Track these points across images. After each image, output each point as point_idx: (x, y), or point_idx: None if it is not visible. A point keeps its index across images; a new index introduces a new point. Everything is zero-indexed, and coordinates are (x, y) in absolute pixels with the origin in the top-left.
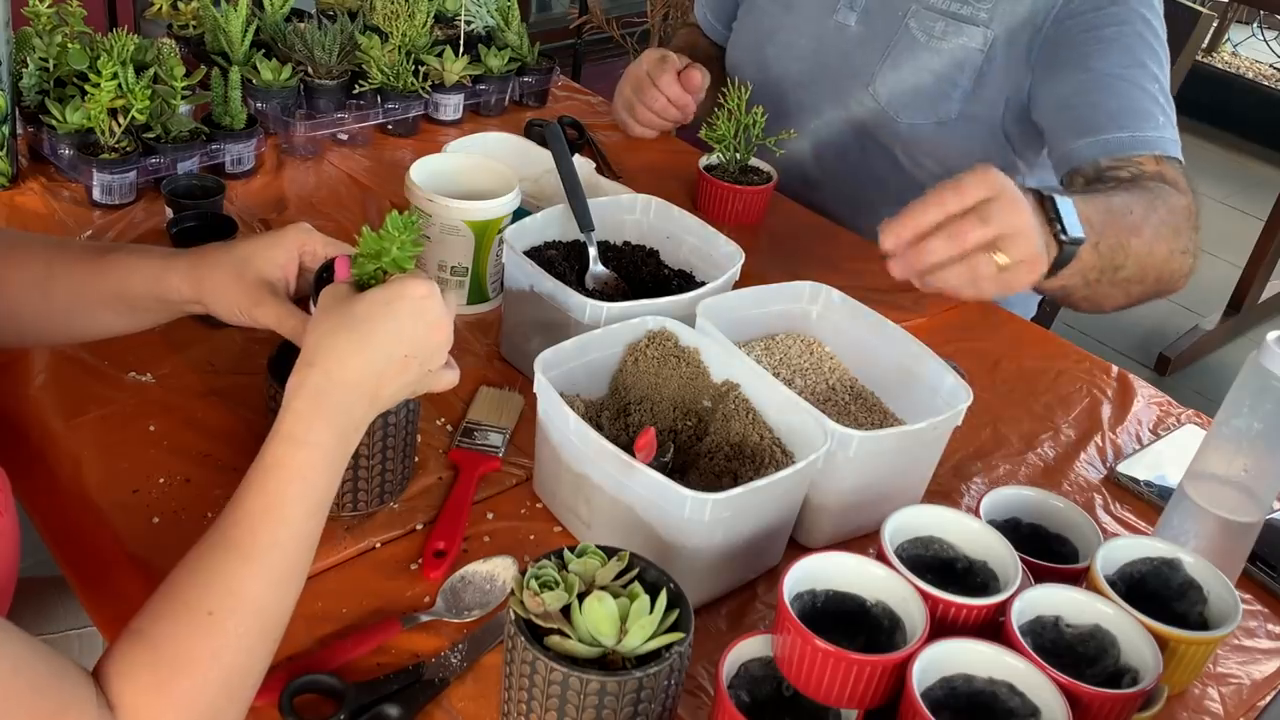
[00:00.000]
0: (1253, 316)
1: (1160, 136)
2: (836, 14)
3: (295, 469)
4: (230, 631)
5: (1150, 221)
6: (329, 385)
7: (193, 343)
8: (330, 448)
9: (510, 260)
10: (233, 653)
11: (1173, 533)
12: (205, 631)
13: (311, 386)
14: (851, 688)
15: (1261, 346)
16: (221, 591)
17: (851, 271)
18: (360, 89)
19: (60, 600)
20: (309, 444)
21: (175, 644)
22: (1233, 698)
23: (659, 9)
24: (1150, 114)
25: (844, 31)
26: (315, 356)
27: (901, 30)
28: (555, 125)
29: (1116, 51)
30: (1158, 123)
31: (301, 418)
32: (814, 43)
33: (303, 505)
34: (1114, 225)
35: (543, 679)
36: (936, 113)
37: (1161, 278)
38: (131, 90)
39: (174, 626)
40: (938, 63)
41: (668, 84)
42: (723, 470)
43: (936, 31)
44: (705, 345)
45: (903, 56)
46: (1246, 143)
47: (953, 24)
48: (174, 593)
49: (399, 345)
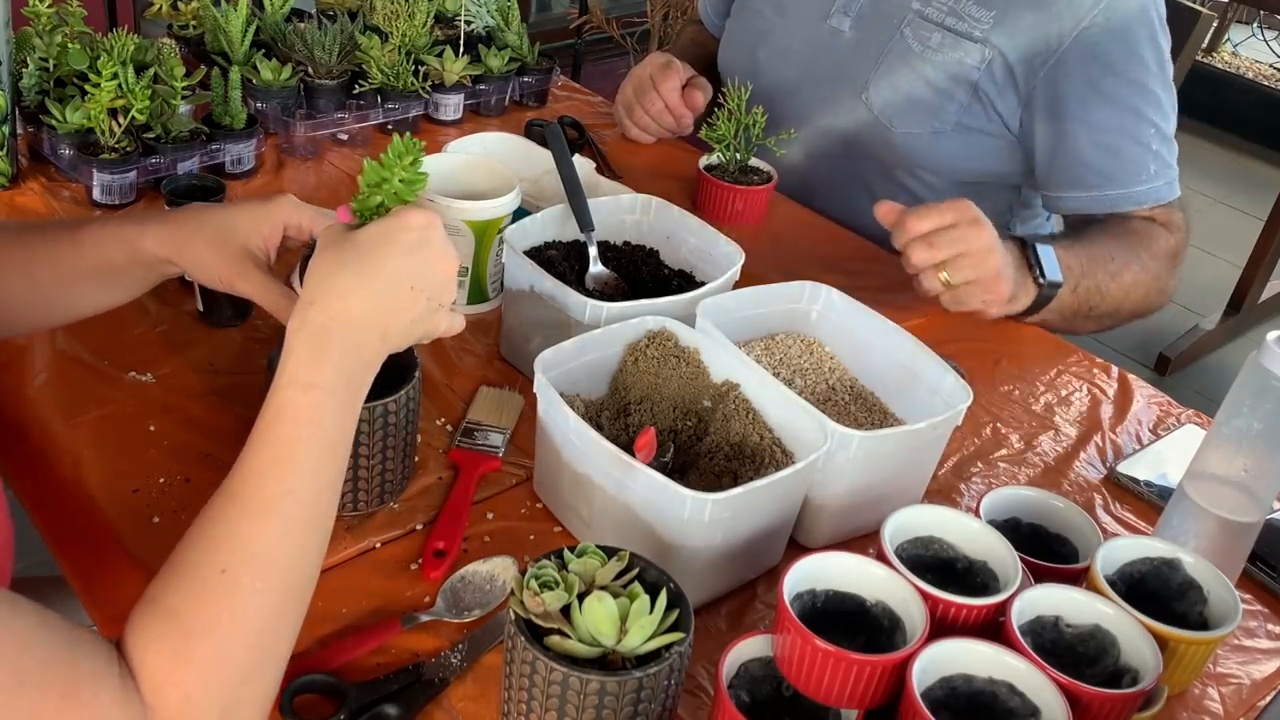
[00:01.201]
0: (1253, 316)
1: (1149, 189)
2: (830, 19)
3: (303, 413)
4: (247, 589)
5: (1130, 269)
6: (331, 324)
7: (193, 343)
8: (339, 388)
9: (510, 260)
10: (254, 611)
11: (1173, 533)
12: (221, 591)
13: (313, 326)
14: (851, 688)
15: (1261, 346)
16: (233, 548)
17: (851, 271)
18: (360, 89)
19: (60, 600)
20: (316, 386)
21: (191, 607)
22: (1233, 698)
23: (659, 9)
24: (1142, 167)
25: (838, 37)
26: (315, 295)
27: (896, 38)
28: (555, 125)
29: (1114, 105)
30: (1148, 172)
31: (304, 360)
32: (807, 48)
33: (315, 449)
34: (1094, 272)
35: (543, 679)
36: (932, 123)
37: (1137, 312)
38: (131, 90)
39: (189, 589)
40: (933, 74)
41: (669, 91)
42: (723, 470)
43: (933, 43)
44: (705, 345)
45: (897, 65)
46: (1246, 143)
47: (949, 37)
48: (186, 555)
49: (403, 277)
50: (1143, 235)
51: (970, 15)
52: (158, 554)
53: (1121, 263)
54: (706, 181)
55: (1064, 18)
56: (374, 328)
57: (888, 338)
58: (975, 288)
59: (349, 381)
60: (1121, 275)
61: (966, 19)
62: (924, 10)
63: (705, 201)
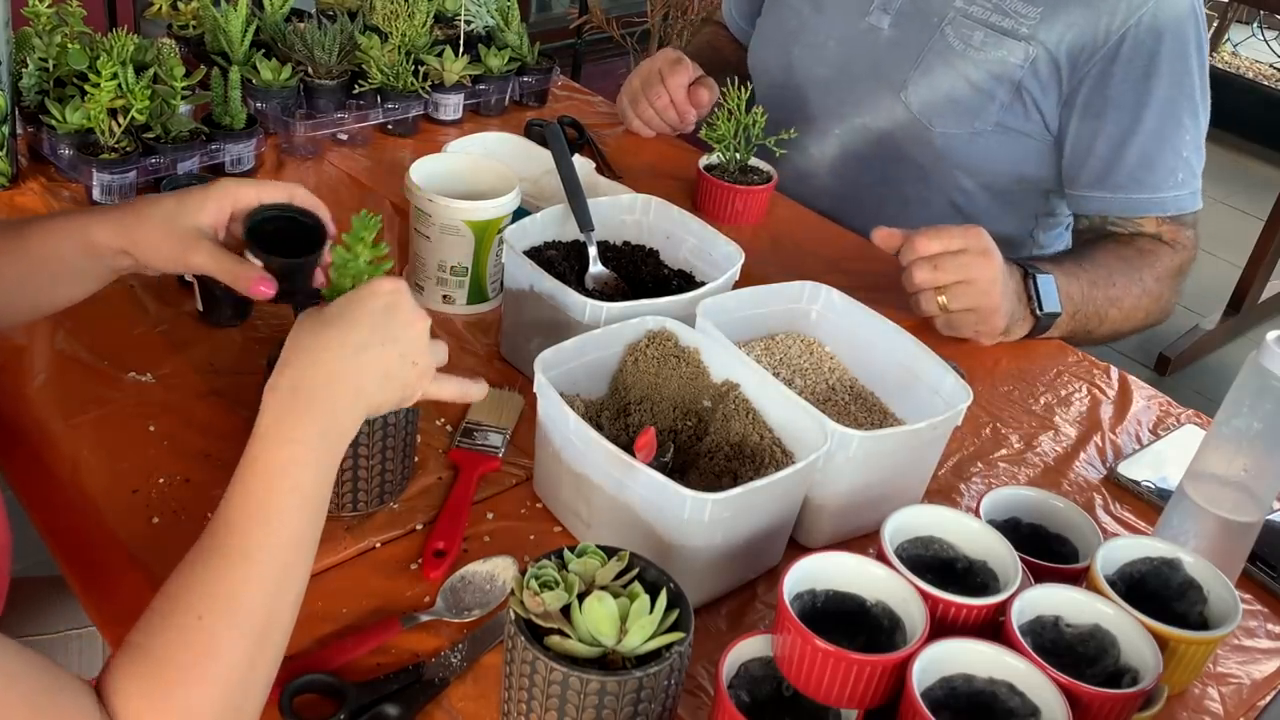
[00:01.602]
0: (1253, 316)
1: (1174, 196)
2: (869, 16)
3: (275, 467)
4: (224, 637)
5: (1131, 293)
6: (302, 382)
7: (193, 343)
8: (313, 444)
9: (510, 260)
10: (229, 659)
11: (1173, 533)
12: (198, 638)
13: (284, 387)
14: (851, 688)
15: (1261, 346)
16: (212, 596)
17: (851, 271)
18: (360, 89)
19: (59, 600)
20: (289, 441)
21: (170, 653)
22: (1233, 698)
23: (659, 9)
24: (1171, 173)
25: (876, 35)
26: (289, 358)
27: (937, 37)
28: (555, 125)
29: (1157, 107)
30: (1176, 180)
31: (277, 417)
32: (844, 45)
33: (290, 503)
34: (1094, 298)
35: (543, 679)
36: (972, 123)
37: (1137, 330)
38: (131, 90)
39: (167, 635)
40: (975, 73)
41: (675, 86)
42: (723, 470)
43: (975, 42)
44: (705, 345)
45: (936, 64)
46: (1246, 143)
47: (992, 35)
48: (166, 601)
49: (372, 337)
50: (1148, 255)
51: (1016, 12)
52: (158, 554)
53: (1122, 288)
54: (706, 181)
55: (1115, 13)
56: (346, 387)
57: (888, 338)
58: (971, 316)
59: (323, 436)
60: (1122, 301)
61: (1012, 16)
62: (967, 9)
63: (705, 201)
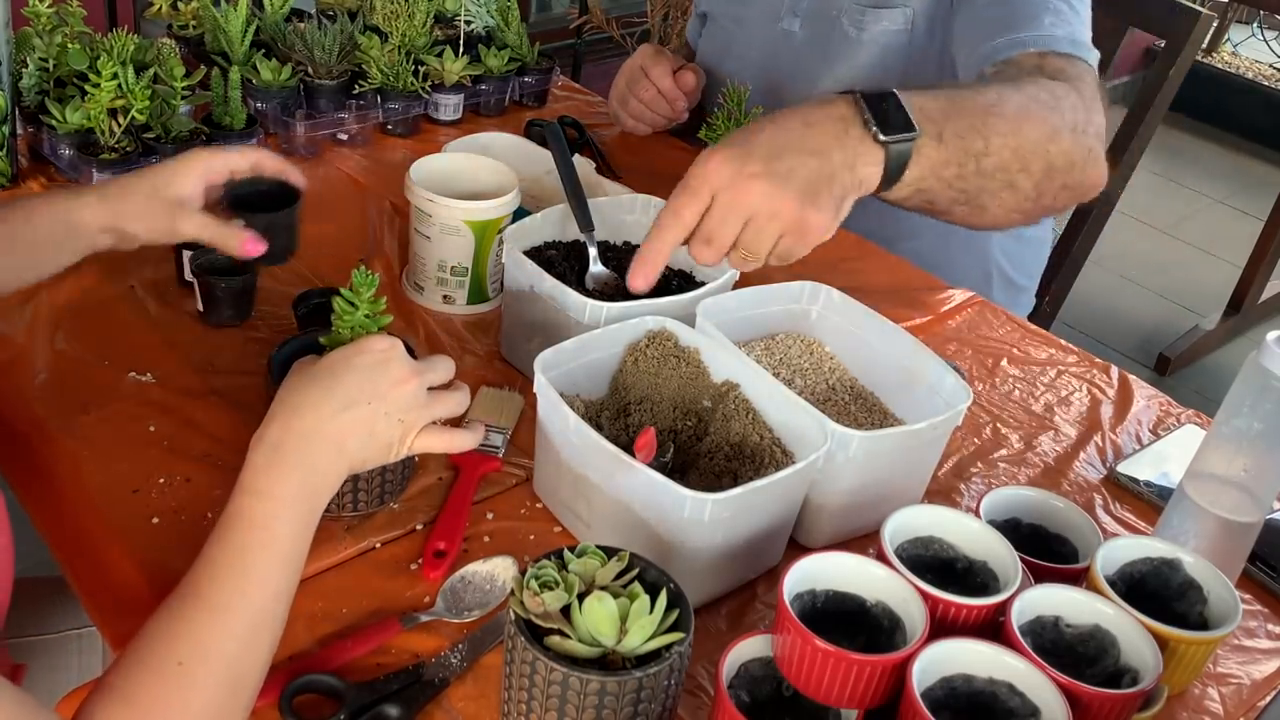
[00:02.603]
0: (1253, 316)
1: (1044, 35)
2: (782, 21)
3: (255, 520)
4: (200, 682)
5: (1013, 100)
6: (286, 436)
7: (193, 343)
8: (292, 499)
9: (510, 260)
10: (203, 703)
11: (1173, 533)
12: (176, 683)
13: (268, 441)
14: (851, 688)
15: (1261, 346)
16: (190, 643)
17: (851, 271)
18: (360, 89)
19: (60, 600)
20: (269, 495)
21: (148, 696)
22: (1233, 698)
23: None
24: (1038, 17)
25: (791, 39)
26: (276, 411)
27: (835, 29)
28: (555, 125)
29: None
30: (1042, 24)
31: (259, 470)
32: (763, 54)
33: (265, 557)
34: (962, 109)
35: (543, 679)
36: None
37: (1054, 165)
38: (131, 90)
39: (145, 678)
40: (865, 55)
41: (659, 76)
42: (723, 470)
43: (865, 23)
44: (705, 345)
45: (838, 56)
46: (1246, 143)
47: (872, 11)
48: (145, 645)
49: (360, 395)
50: (1024, 70)
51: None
52: (157, 554)
53: (997, 94)
54: None
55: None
56: (329, 443)
57: (888, 338)
58: (790, 240)
59: (302, 490)
60: (1002, 107)
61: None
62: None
63: None
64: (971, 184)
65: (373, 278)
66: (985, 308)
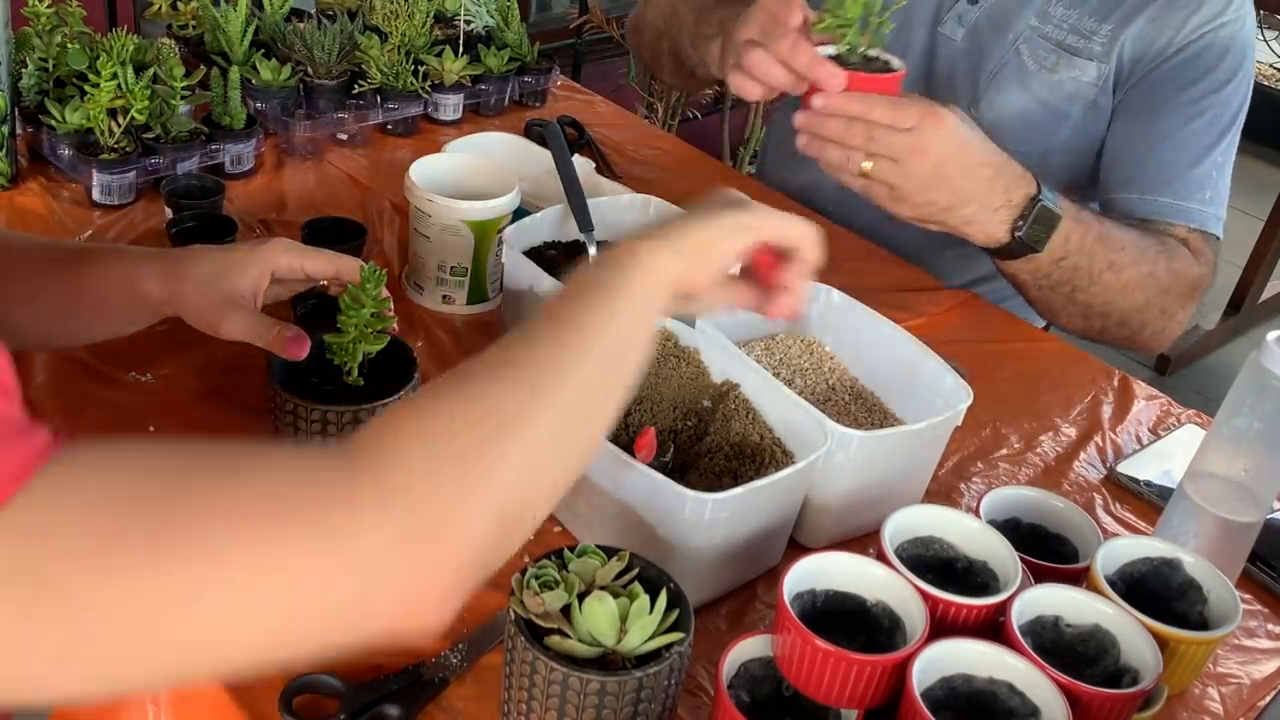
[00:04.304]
0: (1253, 316)
1: (1202, 211)
2: (943, 26)
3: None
4: (543, 406)
5: (1138, 269)
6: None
7: (193, 343)
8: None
9: (510, 260)
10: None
11: (1173, 533)
12: (515, 399)
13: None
14: (851, 688)
15: (1261, 346)
16: (538, 369)
17: (851, 271)
18: (360, 89)
19: None
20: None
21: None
22: (1233, 698)
23: None
24: (1200, 188)
25: (951, 46)
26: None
27: (1011, 54)
28: (555, 125)
29: (1203, 123)
30: (1204, 196)
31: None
32: (921, 55)
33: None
34: (1093, 252)
35: (543, 679)
36: (1044, 142)
37: (1129, 324)
38: (131, 90)
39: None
40: (1047, 93)
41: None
42: (723, 470)
43: (1049, 63)
44: (705, 345)
45: (1010, 81)
46: (1247, 142)
47: (1065, 57)
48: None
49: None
50: (1173, 249)
51: (1089, 31)
52: None
53: (1131, 258)
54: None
55: (1184, 26)
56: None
57: (888, 338)
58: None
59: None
60: (1123, 270)
61: (1085, 35)
62: (1042, 28)
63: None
64: (1053, 298)
65: (380, 274)
66: (985, 308)
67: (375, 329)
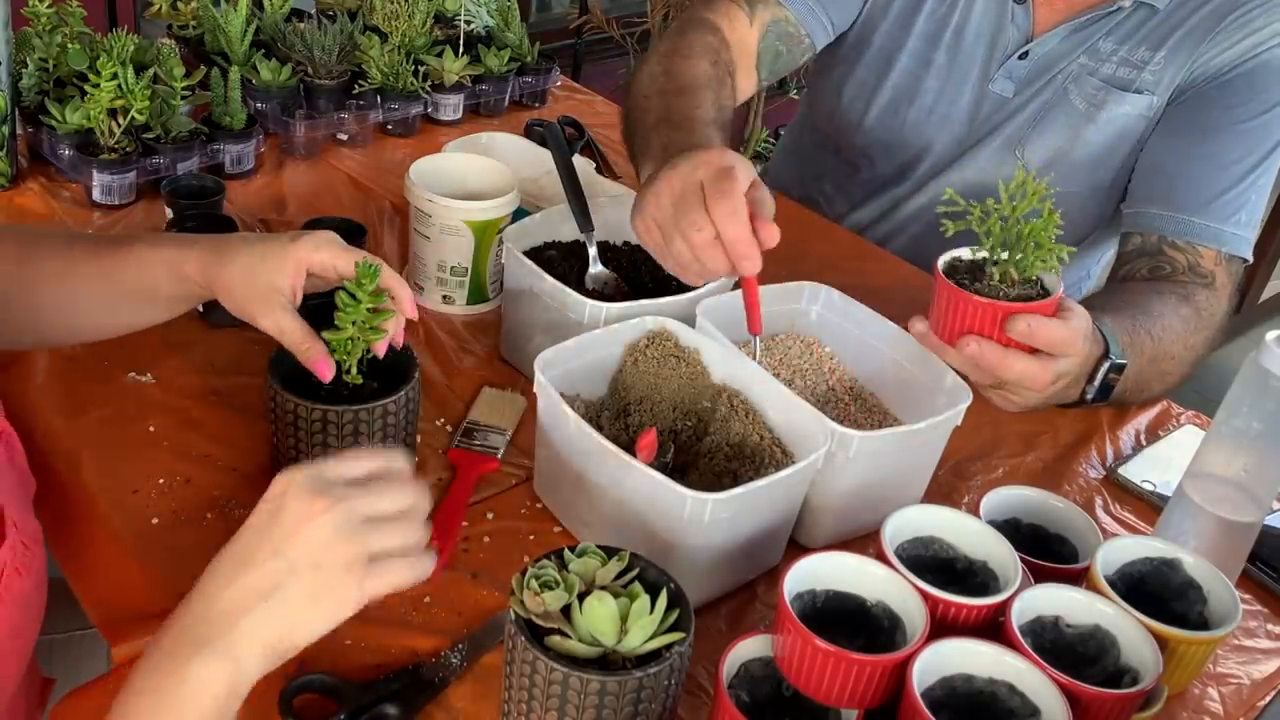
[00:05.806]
0: (1253, 316)
1: (1234, 234)
2: (993, 84)
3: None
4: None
5: (1181, 368)
6: (163, 636)
7: (193, 343)
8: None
9: (510, 260)
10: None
11: (1173, 533)
12: None
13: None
14: (851, 688)
15: (1261, 346)
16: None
17: (851, 271)
18: (360, 89)
19: (60, 601)
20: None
21: None
22: (1233, 698)
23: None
24: (1234, 210)
25: (1003, 102)
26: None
27: (1060, 95)
28: (555, 125)
29: (1249, 145)
30: (1238, 220)
31: (142, 673)
32: (968, 112)
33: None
34: (1145, 374)
35: (543, 679)
36: (1092, 179)
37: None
38: (131, 90)
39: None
40: (1094, 132)
41: (726, 215)
42: (723, 470)
43: (1098, 100)
44: (705, 345)
45: (1058, 122)
46: None
47: (1114, 93)
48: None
49: (251, 555)
50: (1204, 315)
51: (1140, 62)
52: (157, 554)
53: (1176, 362)
54: (959, 298)
55: (1234, 49)
56: (217, 628)
57: (888, 338)
58: (1011, 405)
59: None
60: (1170, 376)
61: (1136, 66)
62: (1090, 64)
63: (952, 320)
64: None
65: (374, 270)
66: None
67: (373, 324)
